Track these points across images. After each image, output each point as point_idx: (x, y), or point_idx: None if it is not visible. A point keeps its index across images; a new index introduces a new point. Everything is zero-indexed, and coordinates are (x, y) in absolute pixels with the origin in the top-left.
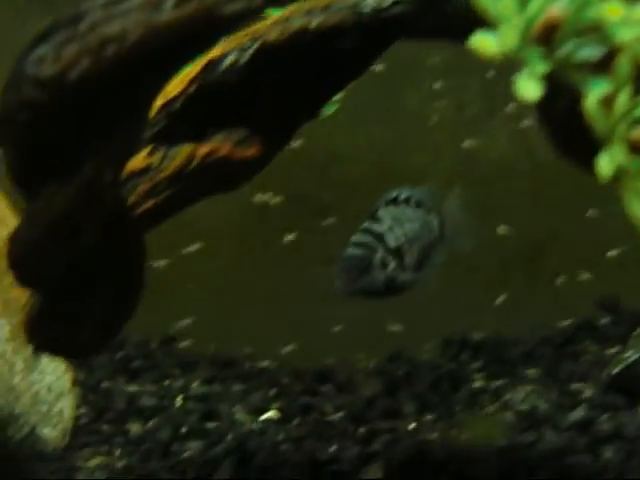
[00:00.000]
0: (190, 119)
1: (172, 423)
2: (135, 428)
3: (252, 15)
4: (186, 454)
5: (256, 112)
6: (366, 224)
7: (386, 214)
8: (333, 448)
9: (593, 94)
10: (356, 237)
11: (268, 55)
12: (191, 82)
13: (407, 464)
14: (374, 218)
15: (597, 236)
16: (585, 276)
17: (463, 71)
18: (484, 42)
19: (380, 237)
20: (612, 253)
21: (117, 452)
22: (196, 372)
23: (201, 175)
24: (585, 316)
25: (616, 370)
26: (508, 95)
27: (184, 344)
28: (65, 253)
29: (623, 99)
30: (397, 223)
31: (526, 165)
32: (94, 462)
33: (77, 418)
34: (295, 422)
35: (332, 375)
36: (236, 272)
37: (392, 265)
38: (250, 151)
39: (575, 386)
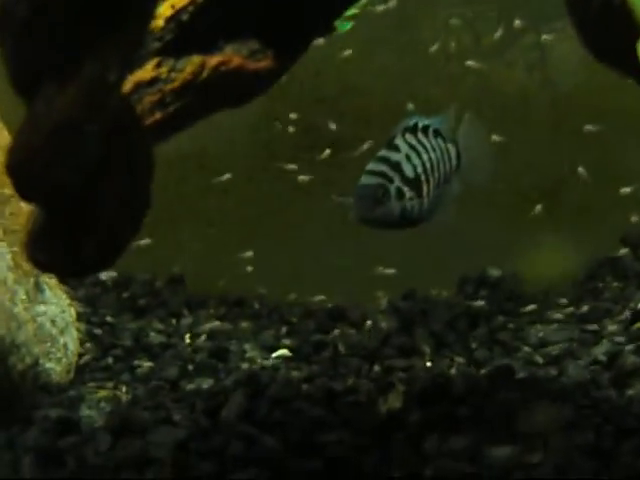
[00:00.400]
0: (200, 30)
1: (180, 360)
2: (142, 365)
3: None
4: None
5: (269, 24)
6: (383, 152)
7: (403, 143)
8: (349, 382)
9: None
10: (372, 165)
11: None
12: None
13: (426, 395)
14: (391, 146)
15: (617, 171)
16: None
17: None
18: None
19: (397, 166)
20: (625, 190)
21: (124, 388)
22: (205, 311)
23: (211, 87)
24: (606, 252)
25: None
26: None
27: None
28: (67, 160)
29: None
30: (415, 152)
31: (545, 97)
32: (100, 394)
33: (82, 354)
34: (308, 360)
35: (345, 314)
36: (245, 208)
37: (408, 195)
38: (262, 63)
39: (597, 323)
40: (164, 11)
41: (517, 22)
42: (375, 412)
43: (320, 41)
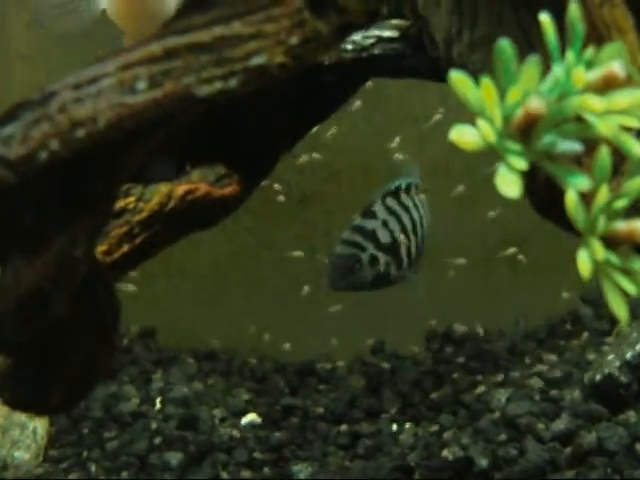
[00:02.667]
0: (166, 156)
1: (150, 432)
2: (112, 438)
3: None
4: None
5: (234, 148)
6: (357, 221)
7: (382, 208)
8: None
9: (572, 189)
10: (346, 235)
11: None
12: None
13: None
14: (367, 213)
15: None
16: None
17: None
18: (463, 135)
19: (371, 234)
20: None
21: (93, 469)
22: (176, 368)
23: (178, 216)
24: (568, 309)
25: (598, 377)
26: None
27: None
28: (33, 324)
29: (603, 193)
30: (394, 216)
31: None
32: None
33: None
34: (277, 426)
35: (315, 369)
36: (217, 261)
37: (383, 261)
38: (228, 189)
39: (558, 390)
40: None
41: None
42: None
43: None
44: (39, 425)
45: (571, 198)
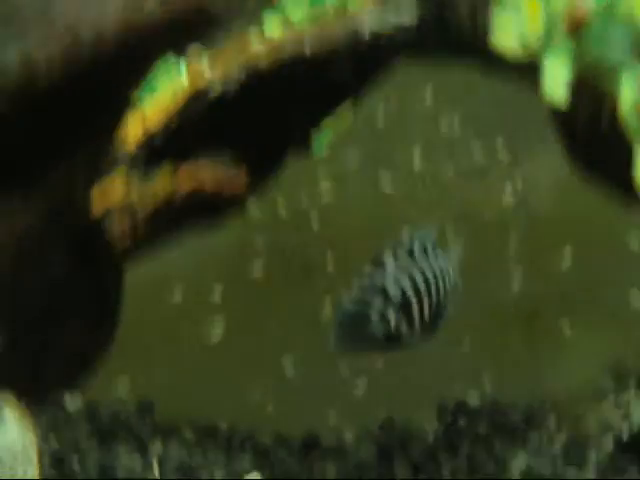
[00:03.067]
0: (174, 149)
1: None
2: None
3: (245, 16)
4: None
5: (244, 141)
6: (367, 276)
7: (393, 263)
8: None
9: (628, 90)
10: (354, 290)
11: (258, 82)
12: (176, 111)
13: None
14: (377, 267)
15: (598, 293)
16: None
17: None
18: (507, 34)
19: (381, 290)
20: None
21: None
22: (175, 440)
23: (184, 210)
24: (587, 377)
25: (626, 433)
26: (505, 146)
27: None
28: (33, 278)
29: None
30: (406, 273)
31: (524, 221)
32: None
33: None
34: None
35: (320, 441)
36: (218, 331)
37: (394, 319)
38: (236, 183)
39: (579, 452)
40: (137, 132)
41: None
42: None
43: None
44: (29, 469)
45: (626, 98)
